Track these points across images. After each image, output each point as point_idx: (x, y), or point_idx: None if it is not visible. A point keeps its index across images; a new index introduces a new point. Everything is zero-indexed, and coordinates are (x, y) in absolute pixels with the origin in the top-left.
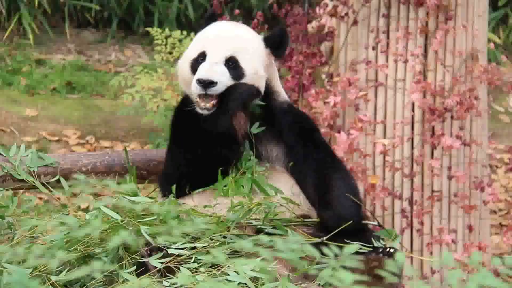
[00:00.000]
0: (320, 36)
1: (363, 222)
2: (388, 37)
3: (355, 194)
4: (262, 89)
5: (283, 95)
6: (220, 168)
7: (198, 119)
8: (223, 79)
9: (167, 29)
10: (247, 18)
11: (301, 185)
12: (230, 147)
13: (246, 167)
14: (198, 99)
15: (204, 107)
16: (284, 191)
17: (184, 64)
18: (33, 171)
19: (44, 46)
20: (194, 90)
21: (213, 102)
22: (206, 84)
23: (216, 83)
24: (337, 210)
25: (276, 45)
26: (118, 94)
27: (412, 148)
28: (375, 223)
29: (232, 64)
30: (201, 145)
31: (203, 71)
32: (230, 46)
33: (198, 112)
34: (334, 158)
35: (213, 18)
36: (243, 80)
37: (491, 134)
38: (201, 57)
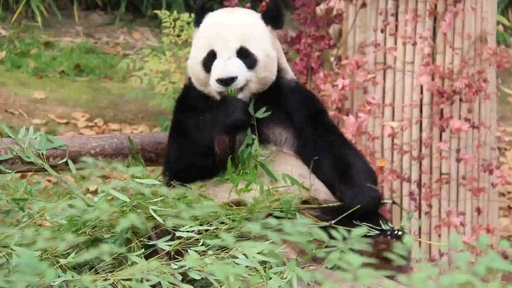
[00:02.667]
0: (328, 19)
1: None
2: (396, 20)
3: (373, 173)
4: (275, 70)
5: (290, 72)
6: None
7: (201, 109)
8: (242, 72)
9: (175, 12)
10: (255, 0)
11: (314, 167)
12: (234, 134)
13: (250, 151)
14: (218, 96)
15: None
16: (291, 174)
17: (195, 65)
18: (42, 153)
19: (52, 29)
20: (216, 88)
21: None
22: (227, 81)
23: (236, 77)
24: (362, 187)
25: (274, 19)
26: (126, 77)
27: (421, 130)
28: (390, 201)
29: (243, 54)
30: (203, 132)
31: (221, 70)
32: (236, 37)
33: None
34: (345, 139)
35: (204, 9)
36: (257, 66)
37: (499, 116)
38: (211, 55)
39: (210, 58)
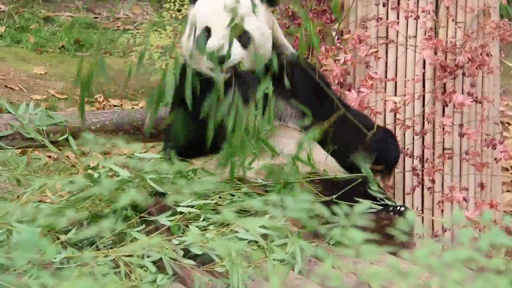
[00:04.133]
0: None
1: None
2: None
3: (391, 133)
4: (270, 48)
5: (290, 47)
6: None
7: (206, 83)
8: (235, 49)
9: None
10: None
11: (321, 140)
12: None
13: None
14: (211, 73)
15: (220, 78)
16: (291, 147)
17: (189, 42)
18: (42, 129)
19: (52, 4)
20: (208, 65)
21: (229, 74)
22: (221, 59)
23: (229, 55)
24: (387, 141)
25: None
26: (126, 52)
27: (423, 105)
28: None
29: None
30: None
31: (214, 47)
32: (231, 14)
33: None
34: (352, 109)
35: None
36: (252, 45)
37: (503, 91)
38: (206, 32)
39: (204, 35)
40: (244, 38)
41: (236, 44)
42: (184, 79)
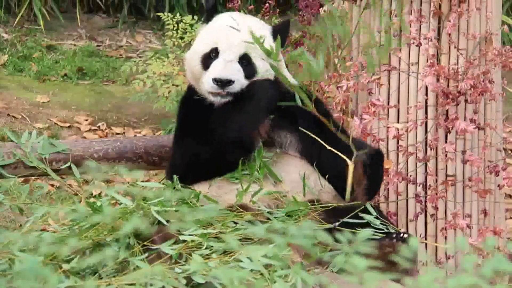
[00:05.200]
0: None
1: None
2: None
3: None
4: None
5: (292, 80)
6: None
7: (208, 109)
8: (240, 78)
9: (178, 14)
10: (258, 1)
11: (319, 168)
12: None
13: (256, 154)
14: (209, 96)
15: (218, 102)
16: (294, 175)
17: (193, 58)
18: (45, 158)
19: (54, 32)
20: (208, 87)
21: (228, 99)
22: (224, 83)
23: (233, 81)
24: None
25: (282, 37)
26: (129, 80)
27: (426, 132)
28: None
29: (245, 62)
30: (210, 134)
31: (220, 70)
32: (243, 43)
33: (209, 101)
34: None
35: (214, 9)
36: (254, 78)
37: (505, 117)
38: (213, 53)
39: (211, 55)
40: (249, 70)
41: (242, 72)
42: (191, 102)
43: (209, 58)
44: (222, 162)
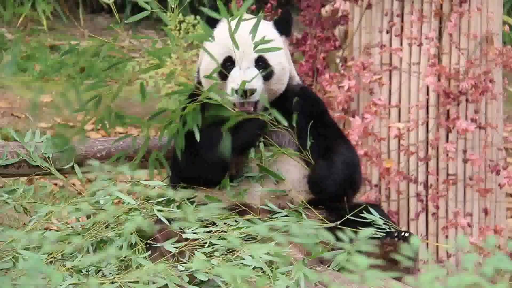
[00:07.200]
0: (334, 20)
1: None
2: (402, 21)
3: (353, 159)
4: (286, 83)
5: (296, 78)
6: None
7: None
8: (260, 84)
9: (180, 14)
10: (260, 2)
11: (310, 165)
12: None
13: (255, 154)
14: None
15: (244, 109)
16: (293, 174)
17: (208, 70)
18: (48, 157)
19: (57, 32)
20: (231, 99)
21: (252, 107)
22: (246, 93)
23: (256, 90)
24: (336, 163)
25: (286, 28)
26: (132, 80)
27: (427, 131)
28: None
29: (261, 64)
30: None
31: (241, 80)
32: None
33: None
34: (344, 138)
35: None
36: (272, 78)
37: (506, 117)
38: (228, 62)
39: (226, 65)
40: (267, 72)
41: (260, 79)
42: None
43: (225, 68)
44: (204, 178)
